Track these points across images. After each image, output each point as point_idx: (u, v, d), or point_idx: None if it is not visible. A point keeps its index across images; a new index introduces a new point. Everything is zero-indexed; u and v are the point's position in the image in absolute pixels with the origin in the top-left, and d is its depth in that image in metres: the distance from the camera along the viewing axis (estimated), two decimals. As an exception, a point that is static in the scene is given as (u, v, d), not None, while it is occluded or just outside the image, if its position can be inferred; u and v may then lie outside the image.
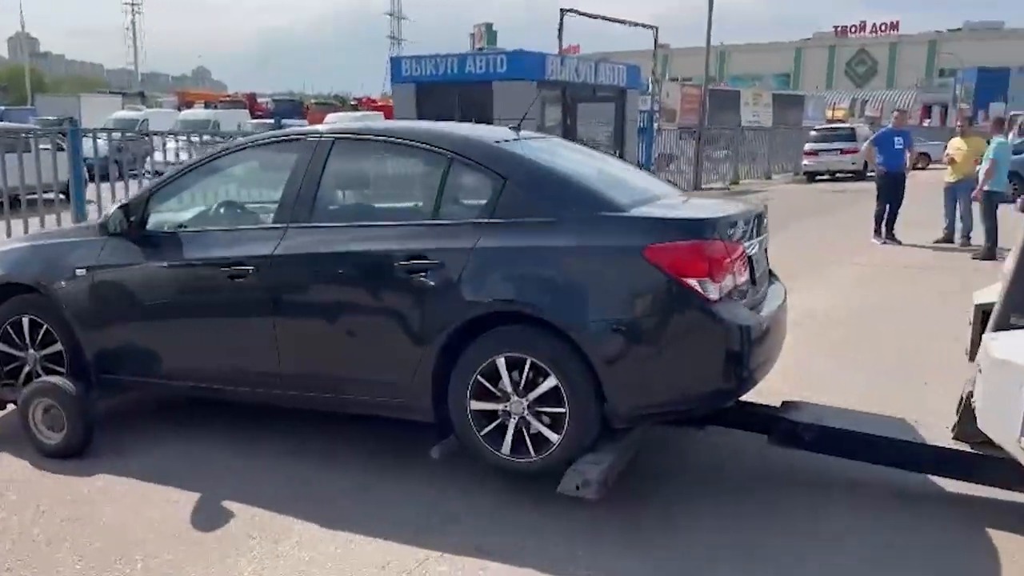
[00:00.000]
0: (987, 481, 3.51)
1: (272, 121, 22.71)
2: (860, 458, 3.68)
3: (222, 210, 4.65)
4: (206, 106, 38.45)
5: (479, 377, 3.46)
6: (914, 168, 13.72)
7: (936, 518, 3.48)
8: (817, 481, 3.82)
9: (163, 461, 4.06)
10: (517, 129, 4.18)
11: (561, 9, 19.98)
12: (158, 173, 10.41)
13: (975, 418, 3.30)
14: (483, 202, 3.67)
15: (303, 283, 3.87)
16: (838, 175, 23.90)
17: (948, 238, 11.41)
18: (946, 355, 4.99)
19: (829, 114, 41.95)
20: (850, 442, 3.66)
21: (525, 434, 3.43)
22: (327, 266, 3.78)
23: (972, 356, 3.84)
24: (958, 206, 11.32)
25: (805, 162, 24.45)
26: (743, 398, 3.69)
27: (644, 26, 23.55)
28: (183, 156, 9.85)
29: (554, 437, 3.37)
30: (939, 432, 3.67)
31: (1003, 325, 3.36)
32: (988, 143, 10.88)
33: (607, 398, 3.31)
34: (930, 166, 25.21)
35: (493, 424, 3.48)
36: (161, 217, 4.37)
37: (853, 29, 73.20)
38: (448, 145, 3.81)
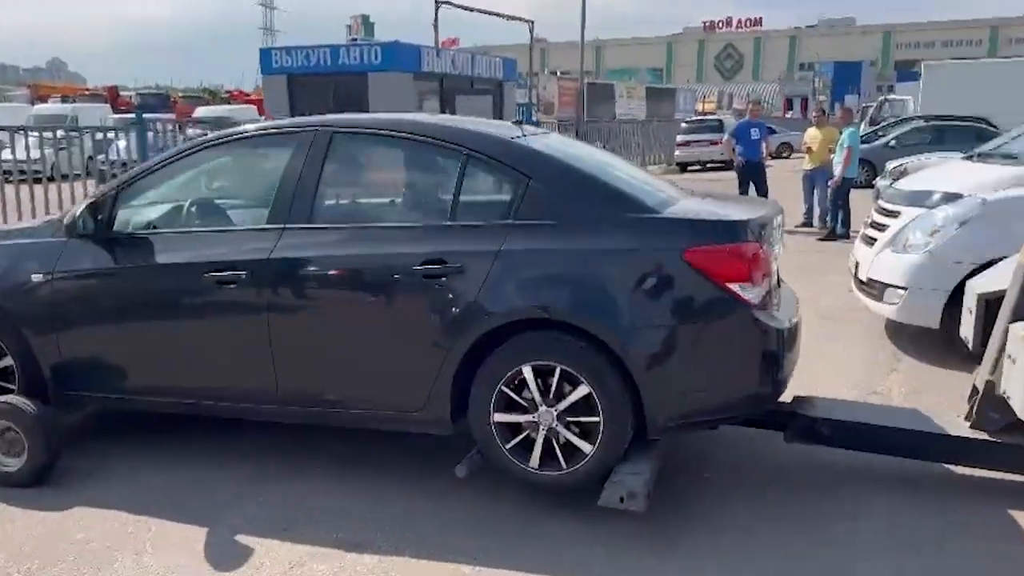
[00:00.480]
0: (1008, 468, 3.55)
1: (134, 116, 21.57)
2: (879, 451, 3.66)
3: (203, 208, 4.22)
4: (63, 100, 36.15)
5: (504, 387, 3.30)
6: (775, 157, 14.42)
7: (966, 509, 3.43)
8: (838, 476, 3.74)
9: (146, 489, 3.68)
10: (519, 124, 4.05)
11: (436, 0, 19.89)
12: (6, 172, 9.74)
13: (996, 406, 3.45)
14: (504, 202, 3.47)
15: (304, 289, 3.55)
16: (708, 165, 24.87)
17: (807, 223, 12.07)
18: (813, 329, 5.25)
19: (699, 107, 43.59)
20: (870, 435, 3.62)
21: (555, 445, 3.28)
22: (332, 270, 3.51)
23: (976, 346, 4.04)
24: (815, 192, 12.00)
25: (677, 153, 25.29)
26: None
27: (521, 20, 23.77)
28: (35, 154, 9.20)
29: (587, 447, 3.24)
30: (951, 420, 3.70)
31: (1020, 315, 3.49)
32: (840, 132, 11.58)
33: (645, 407, 3.19)
34: (793, 155, 26.59)
35: (520, 437, 3.32)
36: (131, 216, 3.98)
37: (720, 24, 76.27)
38: (464, 141, 3.58)
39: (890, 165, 13.33)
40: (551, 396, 3.25)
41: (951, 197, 5.40)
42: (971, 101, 19.08)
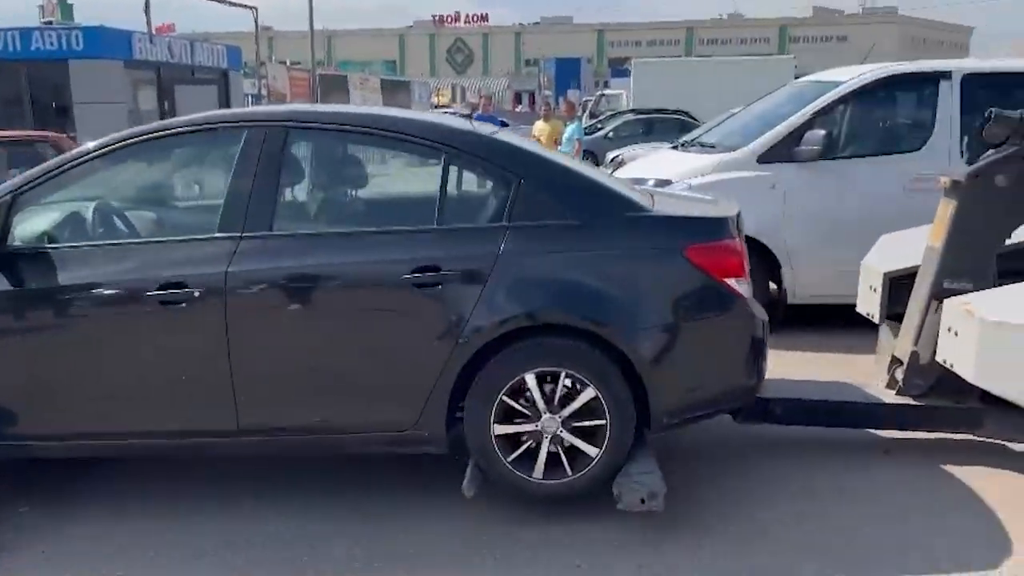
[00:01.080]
0: (938, 428, 3.88)
1: None
2: (828, 424, 3.92)
3: (129, 216, 3.65)
4: None
5: (504, 397, 3.18)
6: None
7: (912, 472, 3.74)
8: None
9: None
10: (469, 118, 3.64)
11: (146, -18, 18.30)
12: None
13: (920, 374, 3.85)
14: (496, 203, 3.31)
15: (271, 306, 3.17)
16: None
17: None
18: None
19: (435, 99, 44.26)
20: (822, 411, 3.86)
21: (561, 453, 3.21)
22: (304, 283, 3.17)
23: (881, 319, 4.41)
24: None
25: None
26: None
27: (243, 6, 22.59)
28: None
29: (593, 451, 3.20)
30: (879, 390, 4.12)
31: (940, 292, 3.82)
32: (565, 125, 12.25)
33: (651, 405, 3.19)
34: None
35: (521, 448, 3.22)
36: (33, 227, 3.35)
37: (449, 19, 77.87)
38: (445, 139, 3.36)
39: (609, 155, 14.36)
40: (555, 403, 3.19)
41: (663, 183, 5.87)
42: (674, 95, 21.15)
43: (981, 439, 3.83)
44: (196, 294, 3.10)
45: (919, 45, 74.78)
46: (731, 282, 3.28)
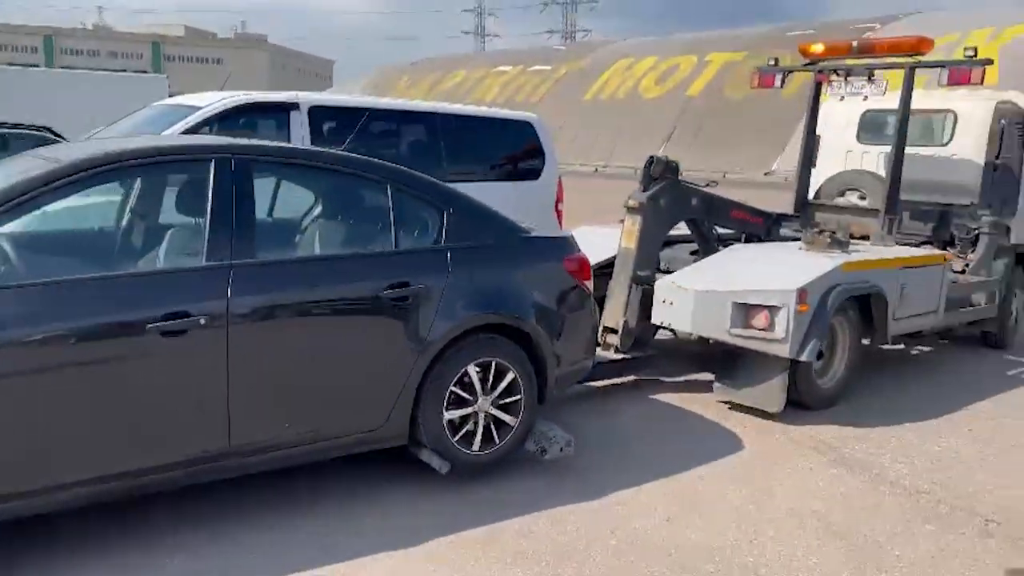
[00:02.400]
0: (640, 373, 5.76)
1: None
2: (587, 380, 5.04)
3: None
4: None
5: (453, 388, 3.76)
6: None
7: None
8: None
9: None
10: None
11: None
12: None
13: (630, 335, 5.44)
14: (433, 229, 3.88)
15: (268, 326, 3.31)
16: None
17: None
18: None
19: None
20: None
21: (492, 426, 3.92)
22: (299, 306, 3.40)
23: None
24: None
25: None
26: None
27: None
28: None
29: (512, 421, 3.97)
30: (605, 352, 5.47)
31: (638, 278, 5.44)
32: None
33: (548, 381, 4.06)
34: None
35: (464, 428, 3.84)
36: None
37: None
38: (384, 173, 3.83)
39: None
40: (488, 387, 3.87)
41: None
42: (35, 109, 18.90)
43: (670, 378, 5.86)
44: (201, 321, 3.11)
45: (291, 73, 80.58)
46: (587, 284, 4.34)
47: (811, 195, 7.25)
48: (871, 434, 4.96)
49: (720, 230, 6.45)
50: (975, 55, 6.19)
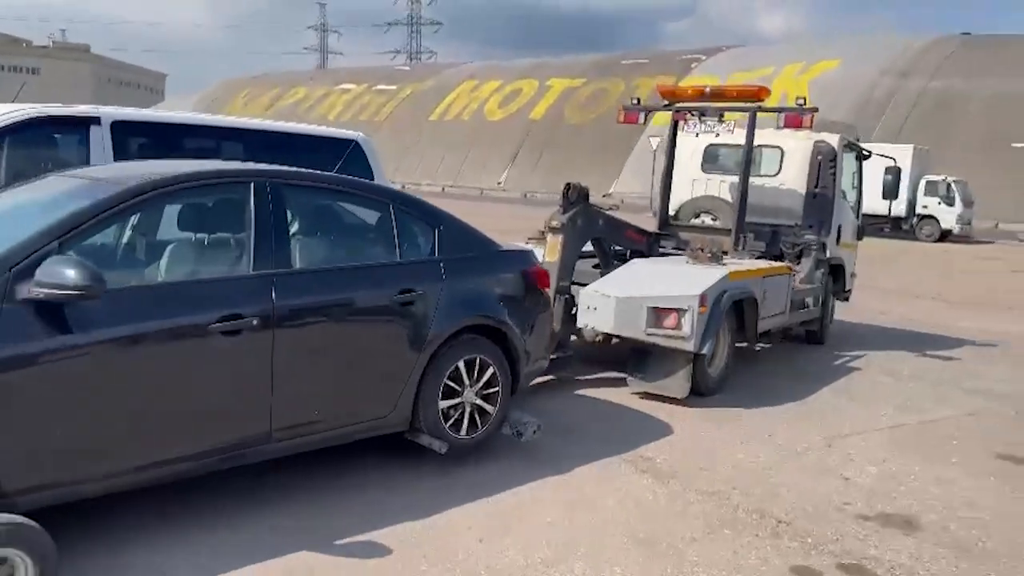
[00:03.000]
0: (560, 370, 6.32)
1: None
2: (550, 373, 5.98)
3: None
4: None
5: (447, 380, 4.35)
6: None
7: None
8: None
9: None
10: None
11: None
12: None
13: (567, 338, 6.39)
14: (427, 243, 4.49)
15: (305, 326, 3.81)
16: None
17: None
18: None
19: None
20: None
21: (476, 416, 4.53)
22: (328, 307, 3.92)
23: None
24: None
25: None
26: None
27: None
28: None
29: (491, 409, 4.59)
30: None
31: (560, 288, 6.22)
32: None
33: (520, 375, 4.75)
34: None
35: (455, 416, 4.43)
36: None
37: None
38: (386, 195, 4.55)
39: None
40: (474, 380, 4.48)
41: None
42: None
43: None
44: (254, 322, 3.55)
45: (116, 85, 75.93)
46: (546, 292, 5.10)
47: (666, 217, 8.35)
48: (683, 442, 5.19)
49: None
50: (805, 103, 7.25)
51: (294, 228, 4.10)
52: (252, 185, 3.80)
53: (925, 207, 27.00)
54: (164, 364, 3.37)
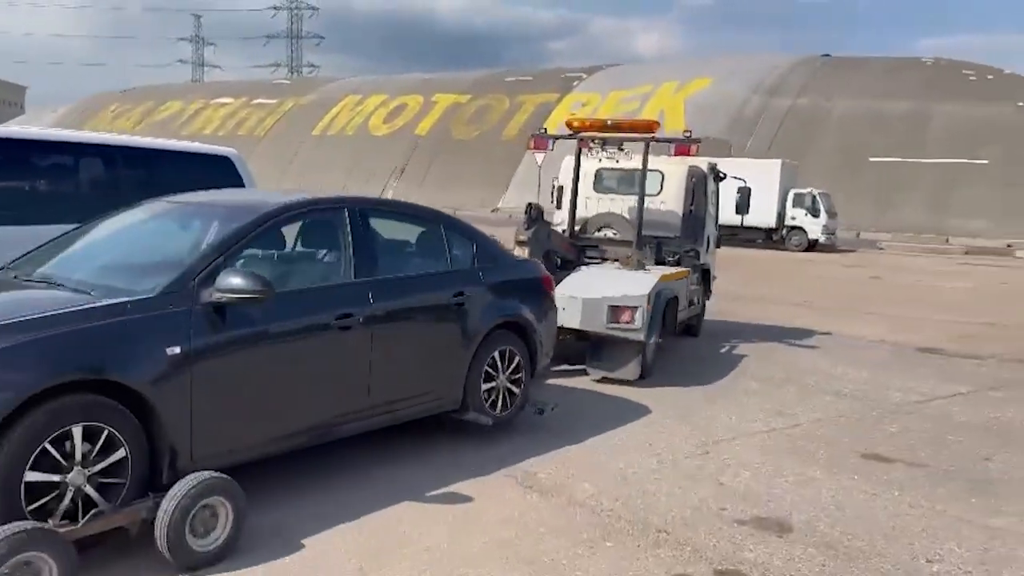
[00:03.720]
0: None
1: None
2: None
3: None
4: None
5: (487, 367, 5.33)
6: None
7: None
8: None
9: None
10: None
11: None
12: None
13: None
14: (468, 254, 5.51)
15: (392, 322, 4.71)
16: None
17: None
18: None
19: None
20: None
21: (506, 395, 5.49)
22: (409, 308, 4.89)
23: None
24: None
25: None
26: None
27: None
28: None
29: (518, 391, 5.60)
30: None
31: None
32: None
33: (538, 362, 5.82)
34: None
35: (492, 397, 5.40)
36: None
37: None
38: (439, 218, 5.55)
39: None
40: (506, 368, 5.50)
41: None
42: None
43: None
44: (360, 319, 4.50)
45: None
46: (552, 294, 6.15)
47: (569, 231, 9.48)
48: (568, 454, 5.23)
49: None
50: (691, 135, 8.43)
51: (378, 244, 5.06)
52: (346, 210, 4.75)
53: (793, 219, 28.39)
54: (306, 351, 4.29)
